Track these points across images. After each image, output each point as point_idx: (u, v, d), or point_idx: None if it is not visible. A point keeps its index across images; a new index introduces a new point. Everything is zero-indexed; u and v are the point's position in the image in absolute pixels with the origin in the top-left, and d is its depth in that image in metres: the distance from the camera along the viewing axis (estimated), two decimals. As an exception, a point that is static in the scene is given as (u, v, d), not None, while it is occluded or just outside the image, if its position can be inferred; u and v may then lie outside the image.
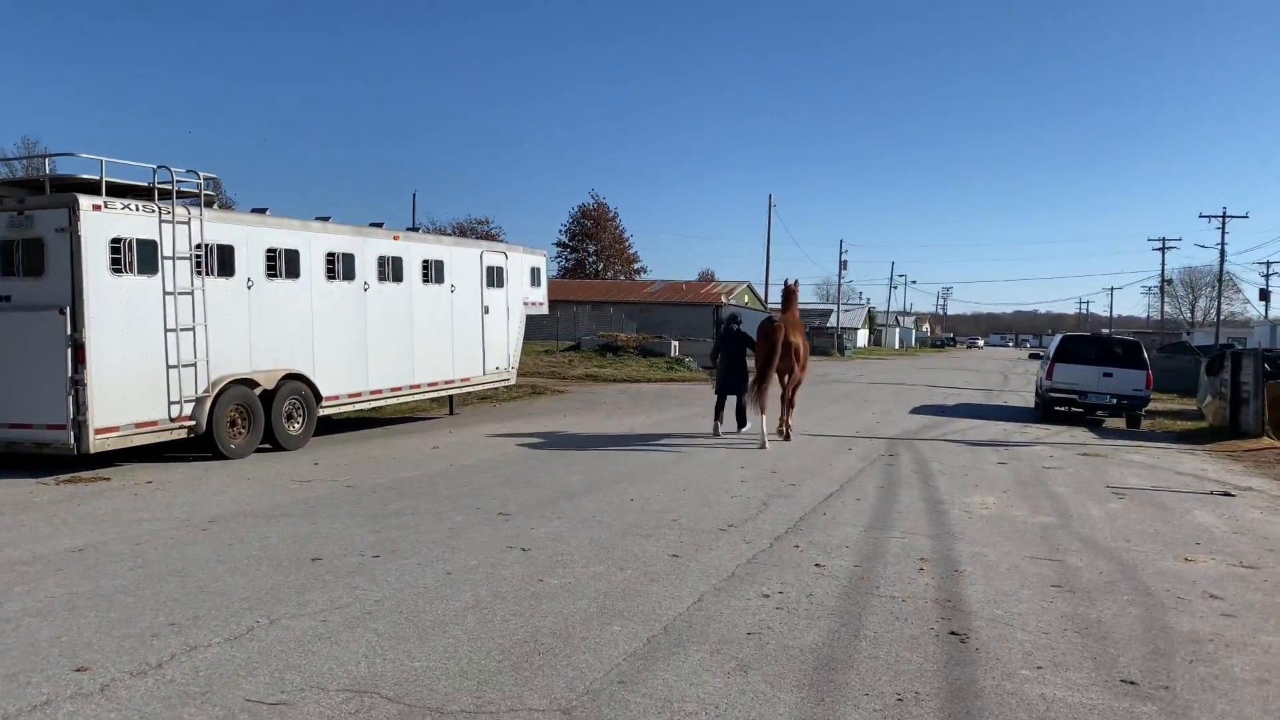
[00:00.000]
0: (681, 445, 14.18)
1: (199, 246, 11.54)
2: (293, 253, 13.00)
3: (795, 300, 16.41)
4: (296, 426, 13.04)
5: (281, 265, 12.81)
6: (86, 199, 10.35)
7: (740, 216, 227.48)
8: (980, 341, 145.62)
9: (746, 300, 61.60)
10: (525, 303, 18.92)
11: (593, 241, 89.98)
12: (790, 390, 15.18)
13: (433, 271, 15.91)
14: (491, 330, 17.61)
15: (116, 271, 10.63)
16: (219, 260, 11.90)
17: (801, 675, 4.91)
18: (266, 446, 12.56)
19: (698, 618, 5.81)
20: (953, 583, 6.78)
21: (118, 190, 11.12)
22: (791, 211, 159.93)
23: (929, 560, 7.41)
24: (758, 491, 10.26)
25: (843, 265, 79.81)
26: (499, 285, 17.84)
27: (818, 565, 7.16)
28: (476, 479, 10.80)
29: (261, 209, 13.35)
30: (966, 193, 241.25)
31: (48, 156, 11.42)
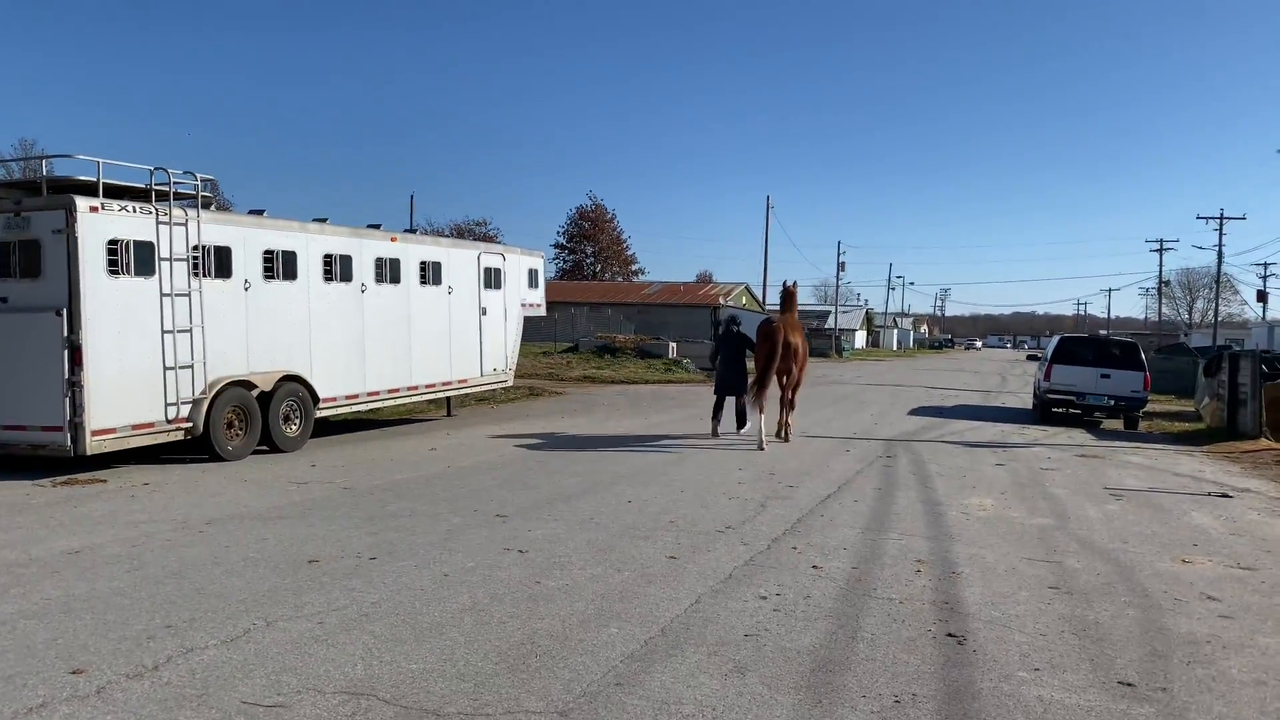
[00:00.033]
0: (679, 447, 14.17)
1: (196, 248, 11.53)
2: (290, 254, 12.99)
3: (794, 301, 16.45)
4: (294, 428, 13.02)
5: (279, 267, 12.80)
6: (83, 200, 10.33)
7: (738, 218, 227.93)
8: (978, 343, 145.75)
9: (744, 301, 61.63)
10: (523, 304, 18.91)
11: (591, 243, 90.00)
12: (789, 391, 15.19)
13: (430, 273, 15.90)
14: (489, 332, 17.60)
15: (113, 273, 10.61)
16: (216, 262, 11.89)
17: (799, 677, 4.90)
18: (264, 448, 12.54)
19: (695, 620, 5.81)
20: (950, 584, 6.78)
21: (115, 192, 11.10)
22: (789, 213, 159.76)
23: (926, 562, 7.41)
24: (755, 493, 10.26)
25: (840, 267, 79.64)
26: (496, 287, 17.83)
27: (815, 567, 7.15)
28: (474, 481, 10.79)
29: (259, 210, 13.34)
30: (965, 194, 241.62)
31: (45, 158, 11.39)
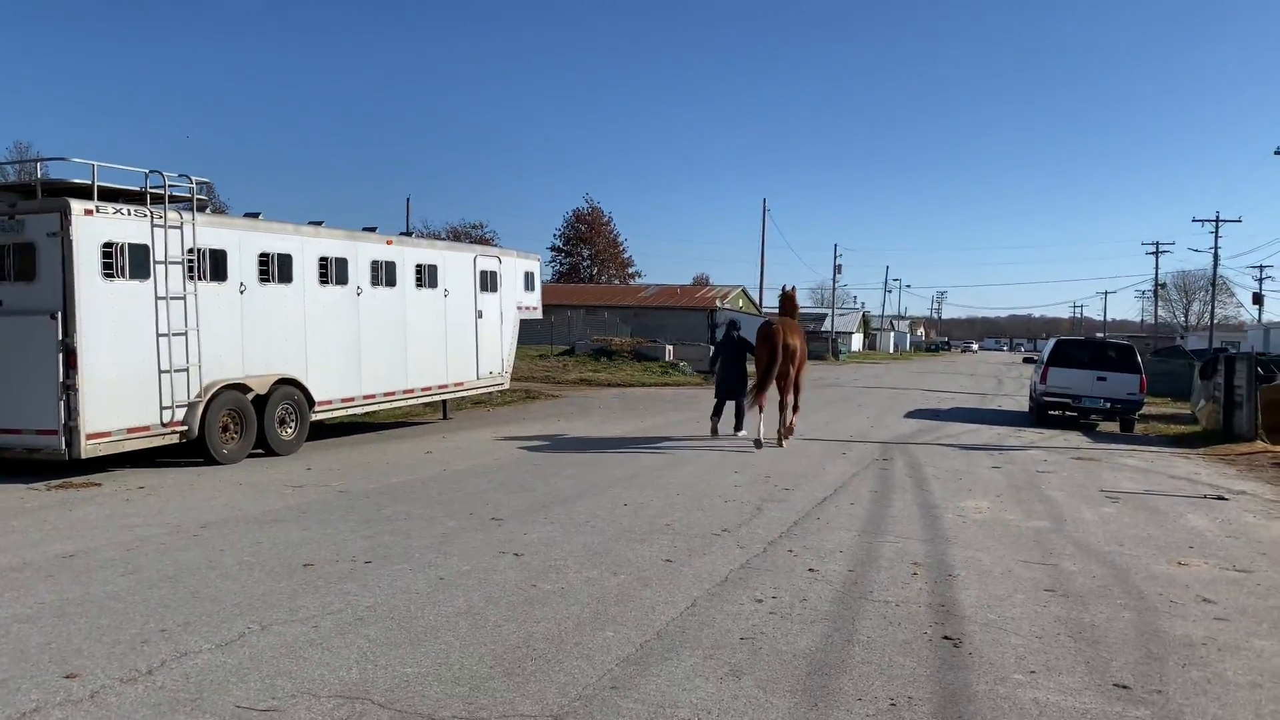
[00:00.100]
0: (675, 450, 14.17)
1: (191, 251, 11.51)
2: (285, 257, 12.97)
3: (795, 305, 16.46)
4: (289, 431, 13.00)
5: (274, 270, 12.78)
6: (78, 203, 10.31)
7: (735, 221, 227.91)
8: (975, 345, 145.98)
9: (741, 304, 61.68)
10: (519, 307, 18.91)
11: (587, 246, 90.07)
12: (786, 394, 15.18)
13: (426, 276, 15.89)
14: (485, 335, 17.58)
15: (108, 276, 10.59)
16: (211, 265, 11.87)
17: (794, 680, 4.90)
18: (259, 451, 12.52)
19: (691, 623, 5.80)
20: (946, 587, 6.78)
21: (110, 195, 11.10)
22: (786, 216, 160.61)
23: (922, 565, 7.41)
24: (752, 496, 10.26)
25: (837, 269, 79.77)
26: (492, 290, 17.82)
27: (811, 570, 7.15)
28: (469, 484, 10.78)
29: (254, 213, 13.34)
30: (961, 197, 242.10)
31: (39, 161, 11.37)
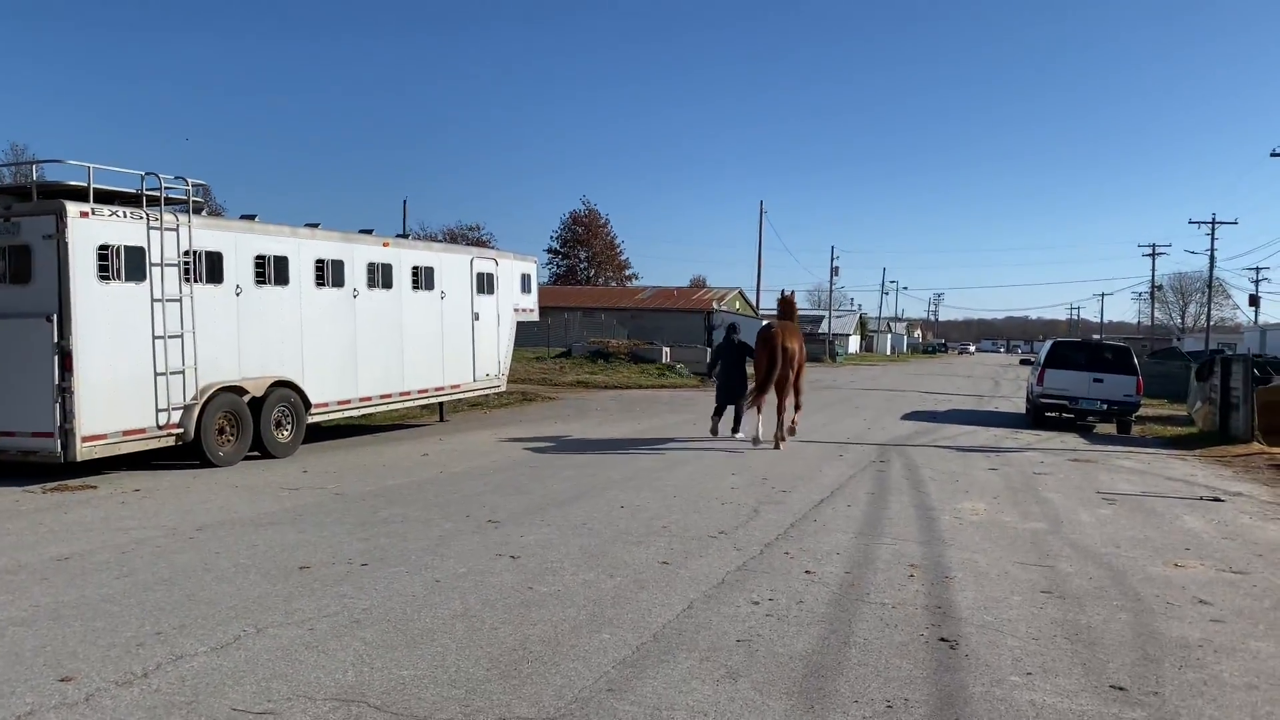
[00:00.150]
0: (672, 451, 14.17)
1: (187, 253, 11.49)
2: (282, 259, 12.96)
3: (794, 309, 16.50)
4: (285, 434, 12.98)
5: (270, 272, 12.76)
6: (74, 206, 10.29)
7: (732, 223, 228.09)
8: (972, 347, 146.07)
9: (738, 306, 61.69)
10: (516, 309, 18.90)
11: (584, 248, 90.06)
12: (784, 397, 15.19)
13: (422, 278, 15.88)
14: (482, 337, 17.57)
15: (104, 278, 10.57)
16: (207, 267, 11.85)
17: (791, 682, 4.89)
18: (255, 454, 12.50)
19: (687, 625, 5.79)
20: (943, 589, 6.78)
21: (106, 197, 11.08)
22: (783, 218, 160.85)
23: (919, 567, 7.41)
24: (749, 498, 10.25)
25: (834, 271, 79.79)
26: (489, 292, 17.81)
27: (808, 572, 7.14)
28: (466, 486, 10.77)
29: (250, 215, 13.32)
30: (959, 199, 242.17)
31: (35, 163, 11.37)
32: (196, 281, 11.64)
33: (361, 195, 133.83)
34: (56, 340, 10.16)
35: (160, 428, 11.18)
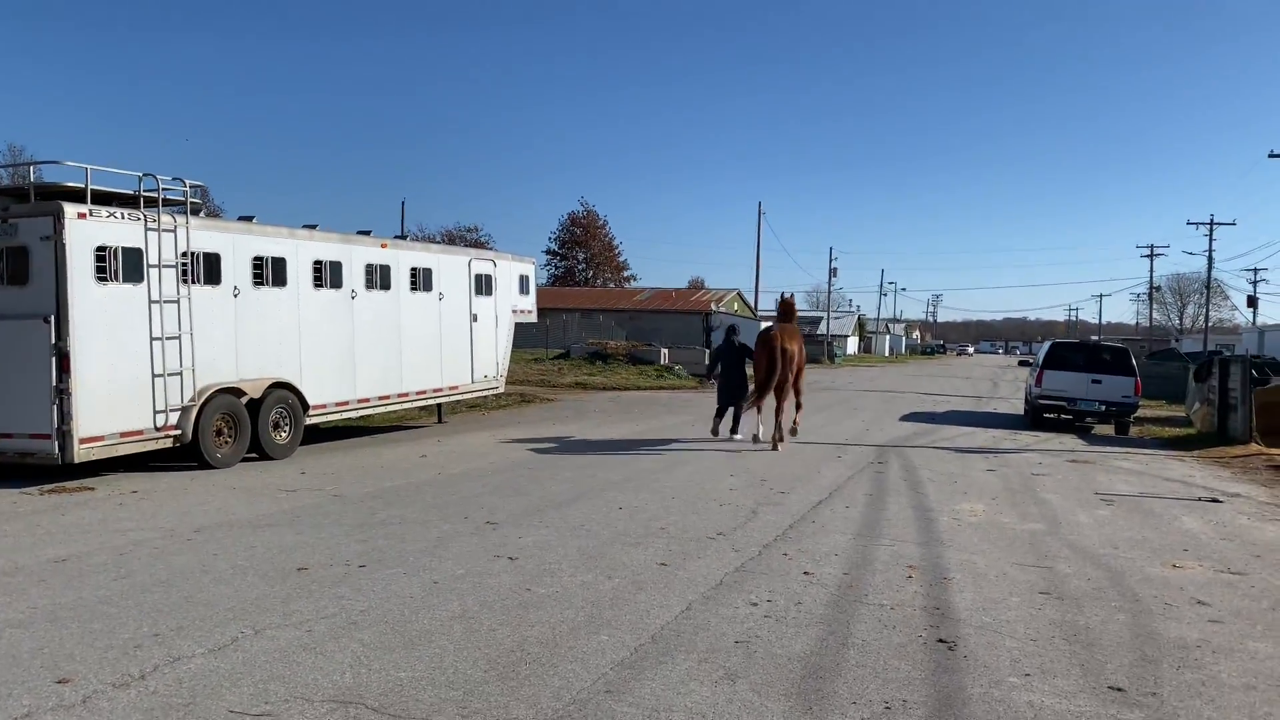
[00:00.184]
0: (670, 453, 14.17)
1: (185, 254, 11.49)
2: (279, 260, 12.95)
3: (793, 312, 16.50)
4: (283, 435, 12.97)
5: (268, 273, 12.75)
6: (71, 207, 10.29)
7: (730, 224, 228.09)
8: (970, 349, 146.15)
9: (736, 308, 61.69)
10: (514, 310, 18.89)
11: (582, 249, 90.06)
12: (783, 399, 15.18)
13: (421, 279, 15.87)
14: (480, 338, 17.57)
15: (102, 280, 10.56)
16: (205, 268, 11.85)
17: (789, 684, 4.89)
18: (253, 456, 12.49)
19: (686, 626, 5.79)
20: (941, 590, 6.77)
21: (104, 198, 11.07)
22: (782, 219, 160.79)
23: (918, 568, 7.41)
24: (747, 499, 10.25)
25: (833, 273, 79.86)
26: (487, 293, 17.81)
27: (806, 573, 7.14)
28: (464, 488, 10.76)
29: (248, 216, 13.32)
30: (957, 200, 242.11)
31: (33, 164, 11.39)
32: (194, 283, 11.63)
33: (360, 196, 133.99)
34: (54, 342, 10.16)
35: (158, 429, 11.17)
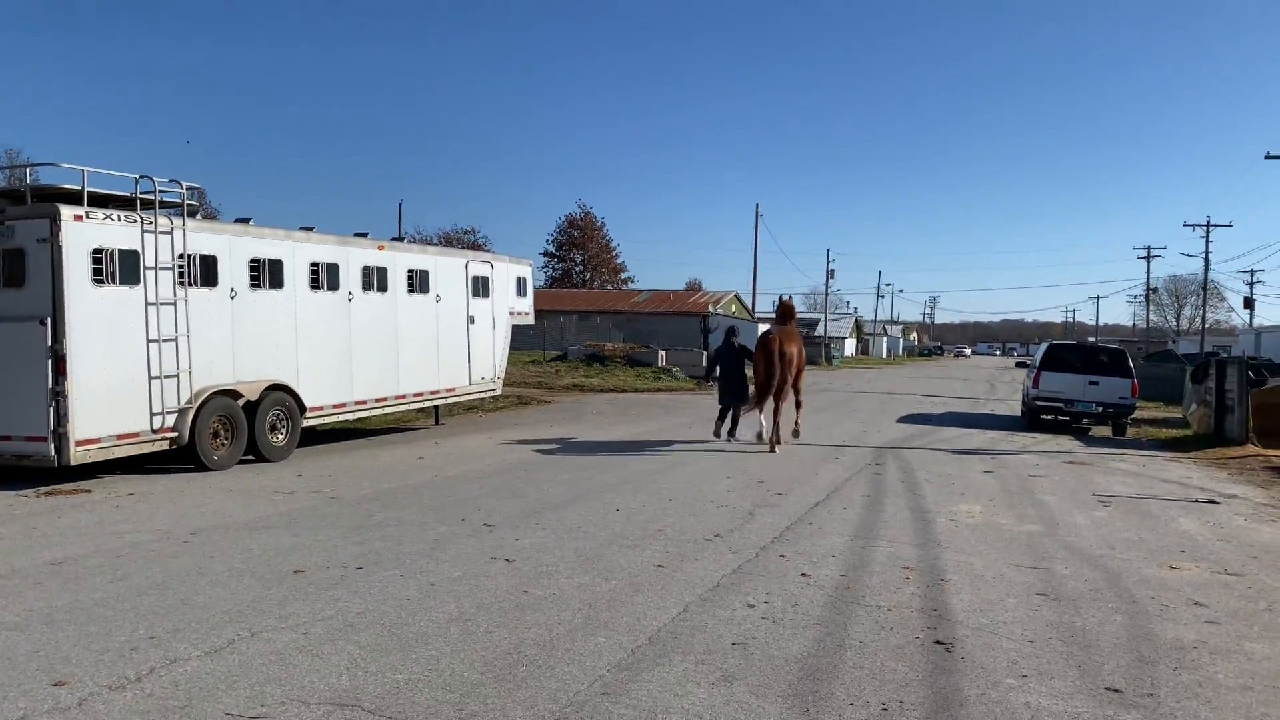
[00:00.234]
0: (668, 454, 14.16)
1: (182, 257, 11.48)
2: (276, 263, 12.94)
3: (792, 314, 16.53)
4: (280, 438, 12.95)
5: (265, 275, 12.74)
6: (68, 209, 10.28)
7: (728, 225, 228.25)
8: (967, 350, 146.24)
9: (734, 309, 61.72)
10: (511, 313, 18.88)
11: (580, 251, 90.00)
12: (782, 401, 15.20)
13: (418, 281, 15.86)
14: (477, 340, 17.56)
15: (98, 282, 10.55)
16: (202, 270, 11.83)
17: (787, 685, 4.89)
18: (250, 458, 12.47)
19: (683, 628, 5.79)
20: (938, 592, 6.77)
21: (100, 200, 11.05)
22: (780, 221, 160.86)
23: (915, 569, 7.41)
24: (744, 501, 10.25)
25: (830, 274, 79.93)
26: (485, 295, 17.80)
27: (804, 575, 7.14)
28: (461, 490, 10.75)
29: (245, 218, 13.30)
30: (954, 202, 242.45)
31: (29, 166, 11.34)
32: (191, 285, 11.62)
33: (357, 198, 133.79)
34: (50, 344, 10.14)
35: (154, 431, 11.15)
